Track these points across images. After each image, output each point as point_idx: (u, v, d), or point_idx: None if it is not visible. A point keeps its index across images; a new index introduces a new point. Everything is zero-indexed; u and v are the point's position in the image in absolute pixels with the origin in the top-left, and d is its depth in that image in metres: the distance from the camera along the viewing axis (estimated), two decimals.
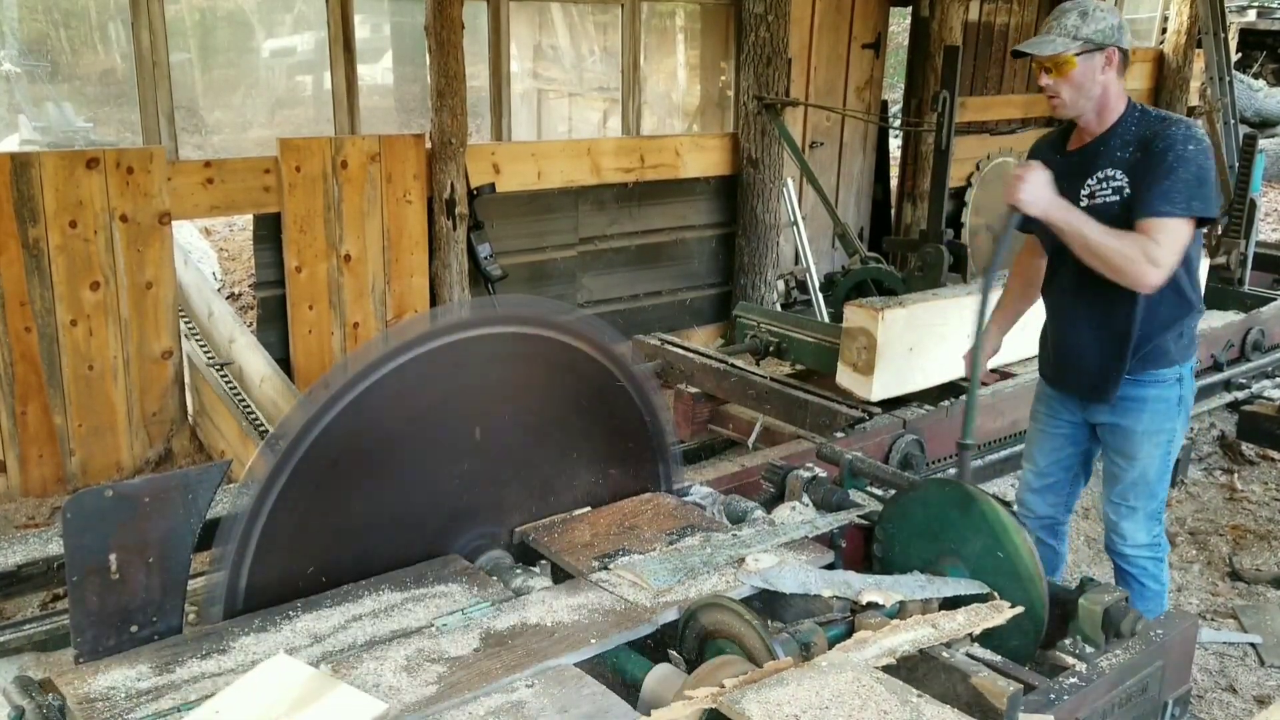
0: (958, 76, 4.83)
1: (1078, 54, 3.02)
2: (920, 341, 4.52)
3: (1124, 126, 3.09)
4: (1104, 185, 3.05)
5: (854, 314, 4.48)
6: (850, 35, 7.70)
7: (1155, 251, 2.87)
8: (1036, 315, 3.83)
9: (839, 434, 4.12)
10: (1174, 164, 2.91)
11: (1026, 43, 3.15)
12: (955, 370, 4.63)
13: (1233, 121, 8.89)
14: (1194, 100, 10.46)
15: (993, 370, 4.78)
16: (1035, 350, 3.97)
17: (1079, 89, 3.05)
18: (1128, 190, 3.00)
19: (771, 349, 5.20)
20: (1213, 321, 5.79)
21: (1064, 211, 2.93)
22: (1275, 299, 6.35)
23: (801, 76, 7.41)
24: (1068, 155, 3.20)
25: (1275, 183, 13.79)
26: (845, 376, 4.53)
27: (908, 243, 5.83)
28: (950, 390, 4.73)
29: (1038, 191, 2.91)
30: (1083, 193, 3.07)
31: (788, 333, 5.11)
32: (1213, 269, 6.29)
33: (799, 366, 5.17)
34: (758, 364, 5.25)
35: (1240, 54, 15.38)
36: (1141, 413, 3.18)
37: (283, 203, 5.33)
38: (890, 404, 4.49)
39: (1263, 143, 12.96)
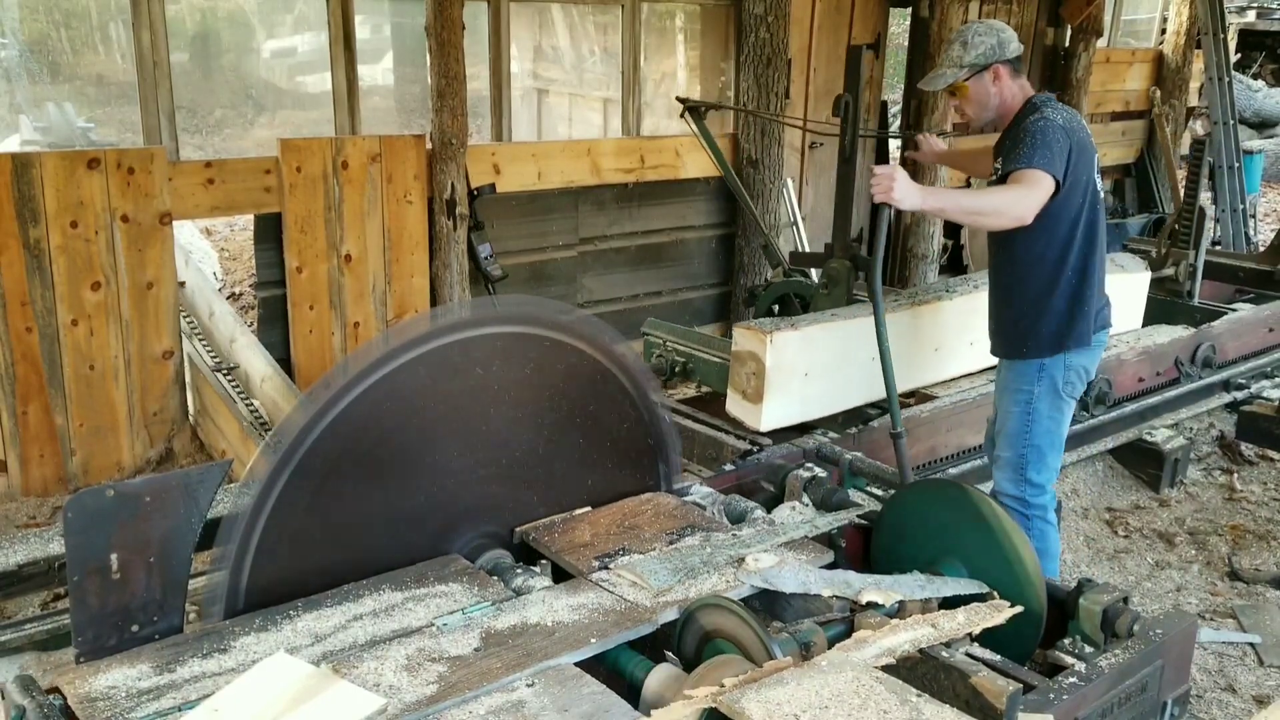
0: (861, 79, 4.55)
1: (966, 79, 3.57)
2: (817, 366, 4.13)
3: (1016, 121, 3.56)
4: (996, 170, 3.56)
5: (741, 336, 4.07)
6: (850, 36, 7.70)
7: (1021, 189, 3.34)
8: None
9: (727, 467, 3.71)
10: (1020, 136, 3.44)
11: (923, 80, 3.73)
12: (858, 396, 4.32)
13: (1231, 122, 8.90)
14: (1193, 100, 10.47)
15: (910, 393, 4.61)
16: (952, 373, 4.64)
17: (979, 105, 3.61)
18: (999, 169, 3.51)
19: (678, 369, 4.73)
20: (1158, 337, 5.49)
21: (935, 199, 3.43)
22: (1226, 313, 6.00)
23: (801, 77, 7.41)
24: (995, 145, 3.72)
25: (1275, 183, 13.80)
26: (734, 404, 4.12)
27: (812, 256, 5.26)
28: (856, 417, 4.38)
29: (906, 189, 3.25)
30: (994, 175, 3.59)
31: (693, 352, 4.67)
32: (1160, 281, 5.96)
33: (705, 389, 4.74)
34: (664, 385, 4.85)
35: (1239, 54, 15.38)
36: (1008, 370, 3.70)
37: (283, 203, 5.34)
38: (793, 432, 4.13)
39: (1262, 143, 13.01)
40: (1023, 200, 3.33)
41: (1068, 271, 3.54)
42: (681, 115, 5.57)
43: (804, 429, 4.17)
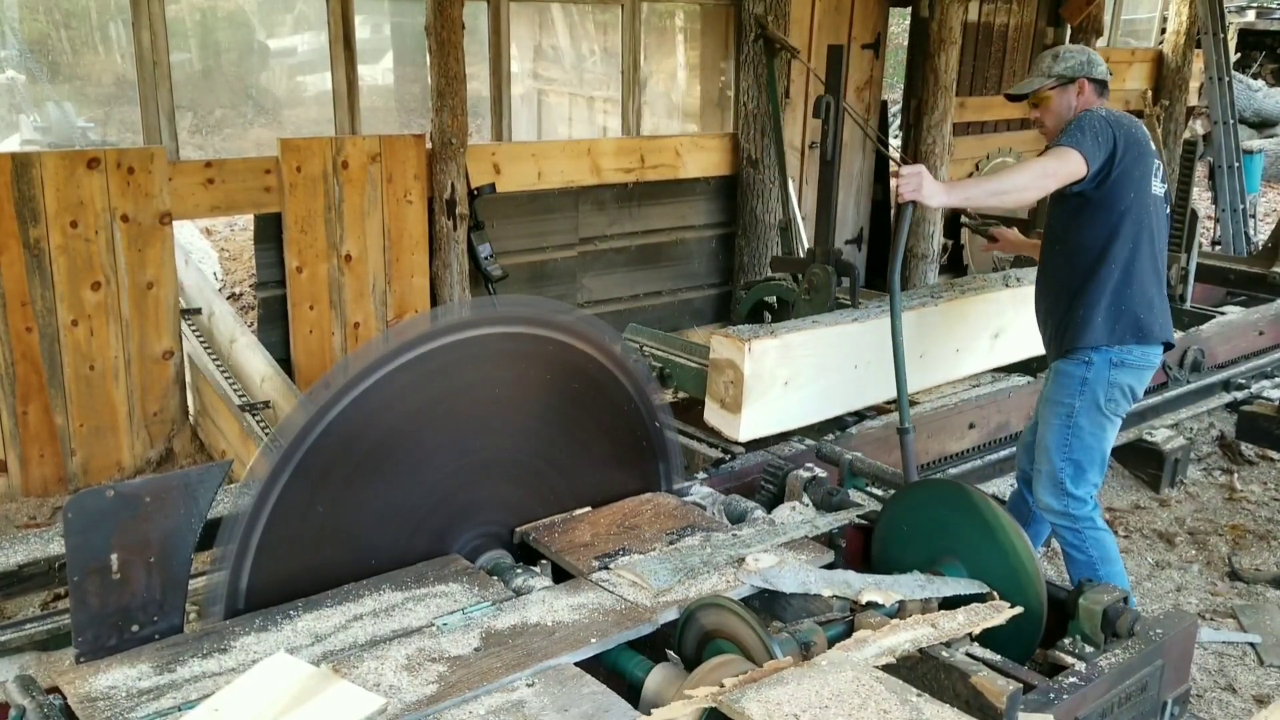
0: (842, 80, 4.46)
1: (1051, 88, 3.64)
2: (797, 374, 4.02)
3: None
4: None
5: (719, 344, 3.95)
6: (850, 36, 7.70)
7: (1042, 160, 3.46)
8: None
9: (700, 475, 3.58)
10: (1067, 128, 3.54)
11: (1014, 87, 3.81)
12: (840, 405, 4.25)
13: (1231, 122, 8.89)
14: (1193, 100, 10.46)
15: (893, 400, 4.50)
16: (933, 381, 4.57)
17: (1057, 115, 3.64)
18: None
19: (655, 375, 4.53)
20: None
21: (959, 191, 3.52)
22: (1215, 316, 5.93)
23: (801, 77, 7.41)
24: None
25: (1275, 183, 13.80)
26: (713, 414, 4.03)
27: (794, 262, 5.17)
28: (833, 425, 4.29)
29: (932, 187, 3.34)
30: None
31: (671, 357, 4.56)
32: None
33: (682, 395, 4.60)
34: None
35: (1239, 54, 15.38)
36: (1052, 382, 3.67)
37: (283, 203, 5.33)
38: (768, 440, 4.02)
39: (1262, 143, 13.00)
40: (1043, 168, 3.40)
41: (1110, 264, 3.50)
42: (754, 40, 5.62)
43: (781, 436, 4.08)
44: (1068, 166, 3.37)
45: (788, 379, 4.00)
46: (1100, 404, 3.55)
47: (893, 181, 3.42)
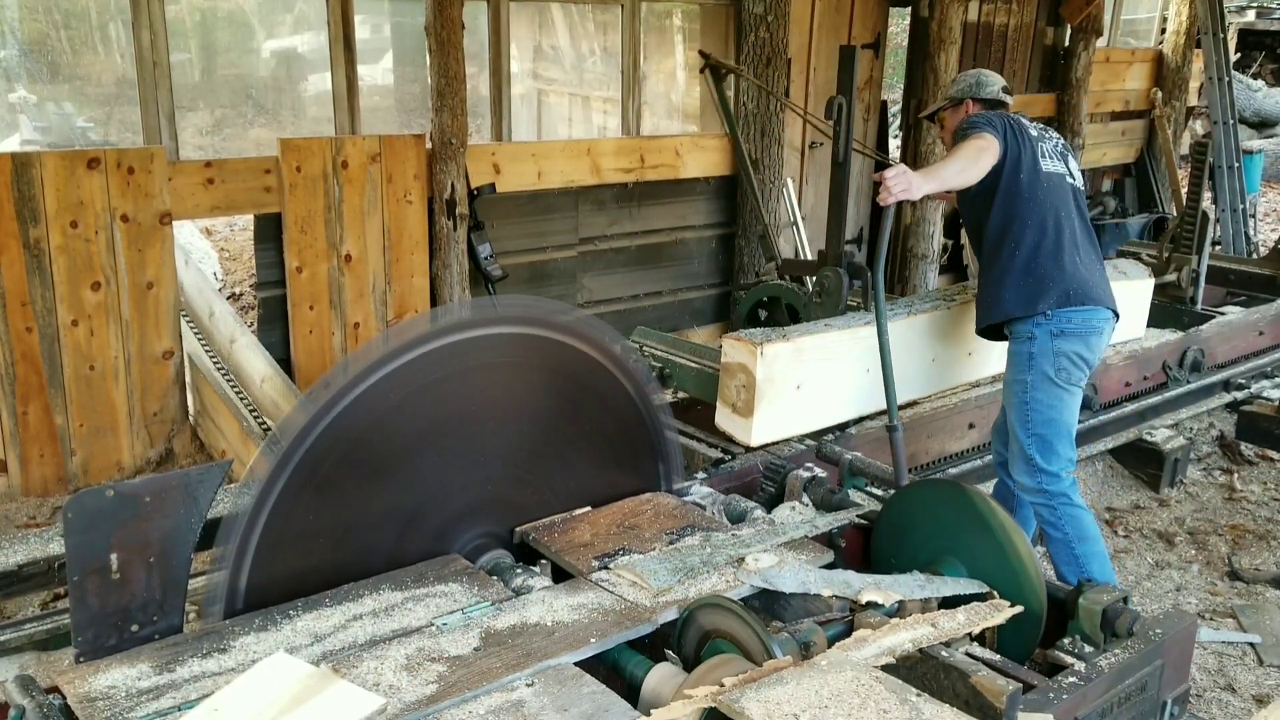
0: (855, 80, 4.49)
1: (946, 109, 4.15)
2: (810, 378, 3.97)
3: None
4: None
5: (731, 348, 3.88)
6: (850, 35, 7.71)
7: (970, 141, 3.73)
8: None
9: (700, 475, 3.55)
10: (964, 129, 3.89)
11: (925, 110, 4.22)
12: (853, 409, 4.20)
13: (1231, 122, 8.89)
14: (1194, 100, 10.47)
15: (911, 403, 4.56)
16: (947, 384, 4.60)
17: (950, 132, 4.05)
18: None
19: (655, 375, 4.47)
20: (1146, 341, 5.35)
21: (936, 178, 3.67)
22: (1215, 316, 5.94)
23: (801, 76, 7.41)
24: None
25: (1275, 183, 13.80)
26: (724, 418, 3.95)
27: (804, 265, 5.08)
28: (836, 425, 4.20)
29: (917, 180, 3.51)
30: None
31: (671, 357, 4.53)
32: (1162, 287, 5.83)
33: (682, 395, 4.56)
34: None
35: (1239, 54, 15.38)
36: (1008, 363, 3.84)
37: (283, 203, 5.33)
38: (774, 441, 3.98)
39: (1262, 143, 13.01)
40: (974, 147, 3.68)
41: (1011, 242, 3.73)
42: (701, 70, 5.71)
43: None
44: (991, 146, 3.67)
45: (800, 383, 3.96)
46: (1051, 375, 3.68)
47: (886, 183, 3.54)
